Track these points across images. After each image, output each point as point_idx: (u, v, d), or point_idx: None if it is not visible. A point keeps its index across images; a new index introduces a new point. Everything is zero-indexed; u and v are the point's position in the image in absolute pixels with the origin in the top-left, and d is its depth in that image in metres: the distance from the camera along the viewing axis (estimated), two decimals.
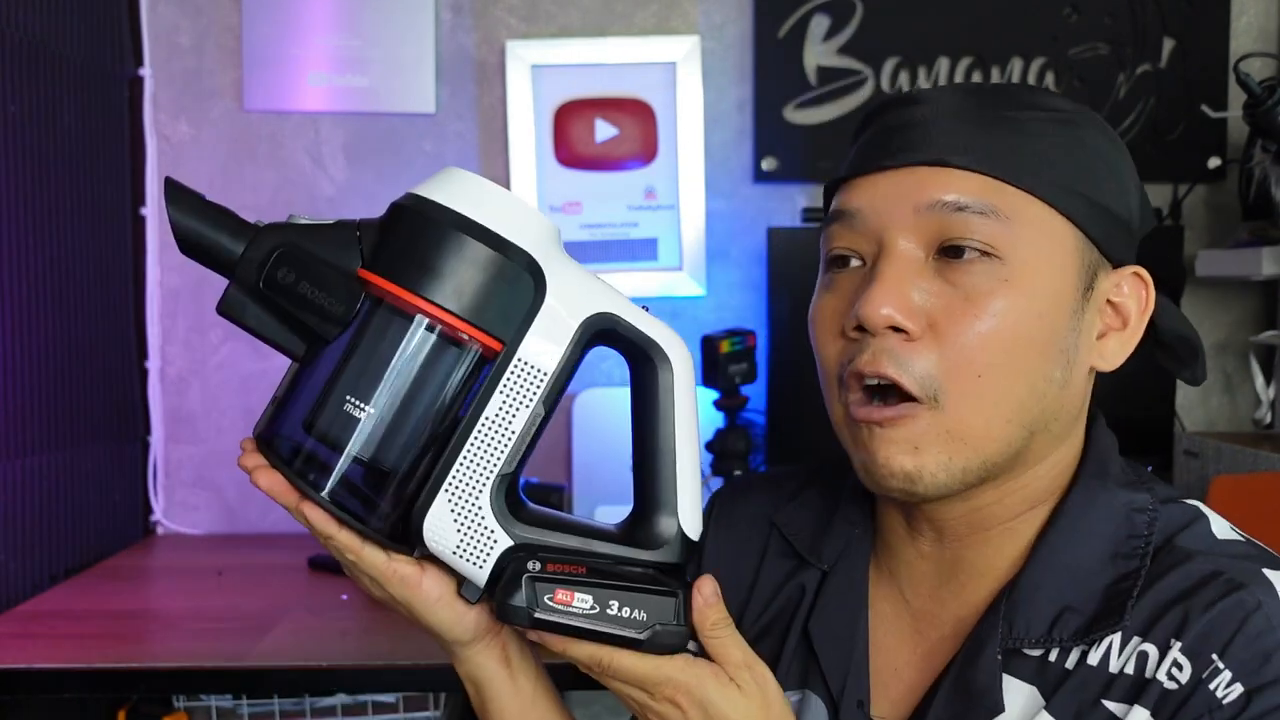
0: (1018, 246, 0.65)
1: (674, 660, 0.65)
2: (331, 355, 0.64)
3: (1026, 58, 1.98)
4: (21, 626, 1.47)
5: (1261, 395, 1.94)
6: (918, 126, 0.68)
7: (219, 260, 0.65)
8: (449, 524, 0.65)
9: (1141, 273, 0.71)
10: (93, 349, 1.84)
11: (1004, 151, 0.66)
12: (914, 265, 0.66)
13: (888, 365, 0.65)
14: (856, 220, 0.69)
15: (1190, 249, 1.96)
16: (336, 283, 0.63)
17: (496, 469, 0.65)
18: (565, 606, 0.64)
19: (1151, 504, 0.69)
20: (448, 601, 0.70)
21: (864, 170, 0.69)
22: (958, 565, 0.72)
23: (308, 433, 0.64)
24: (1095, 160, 0.68)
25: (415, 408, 0.64)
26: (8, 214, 1.59)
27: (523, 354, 0.64)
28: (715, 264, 2.01)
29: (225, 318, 0.65)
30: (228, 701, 1.50)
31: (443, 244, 0.63)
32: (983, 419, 0.65)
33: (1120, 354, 0.70)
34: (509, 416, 0.65)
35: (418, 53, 1.98)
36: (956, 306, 0.65)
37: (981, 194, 0.65)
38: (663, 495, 0.68)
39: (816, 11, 1.97)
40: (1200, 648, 0.61)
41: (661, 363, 0.68)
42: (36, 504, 1.66)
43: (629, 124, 1.99)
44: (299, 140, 2.00)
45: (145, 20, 1.96)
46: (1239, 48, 1.97)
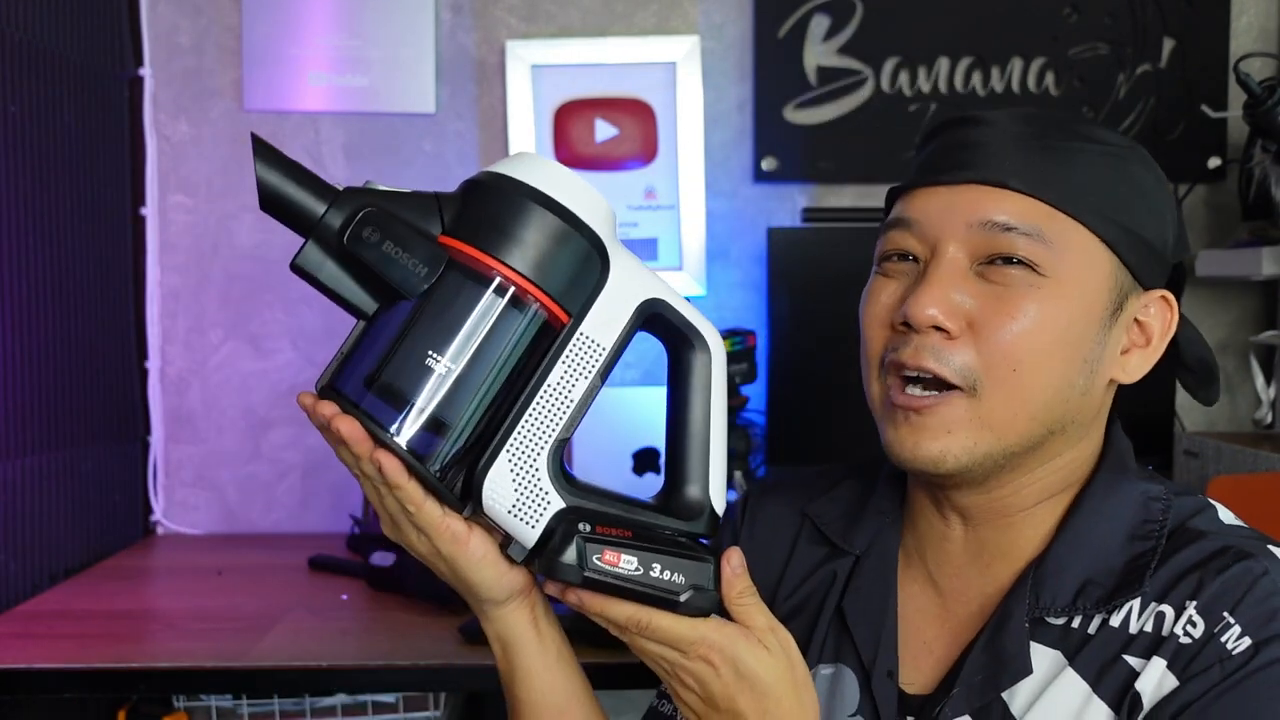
0: (1058, 266, 0.72)
1: (708, 621, 0.69)
2: (402, 314, 0.66)
3: (1026, 58, 1.98)
4: (21, 626, 1.47)
5: (1261, 395, 1.94)
6: (978, 147, 0.75)
7: (300, 217, 0.66)
8: (508, 483, 0.67)
9: (1169, 297, 0.80)
10: (93, 349, 1.84)
11: (1055, 179, 0.73)
12: (959, 271, 0.73)
13: (929, 359, 0.72)
14: (914, 227, 0.76)
15: (1190, 249, 1.96)
16: (420, 245, 0.65)
17: (555, 434, 0.68)
18: (612, 567, 0.67)
19: (1165, 494, 0.77)
20: (492, 560, 0.72)
21: (925, 182, 0.76)
22: (983, 547, 0.79)
23: (378, 385, 0.66)
24: (1137, 194, 0.75)
25: (485, 368, 0.66)
26: (8, 214, 1.59)
27: (586, 328, 0.68)
28: (715, 264, 2.01)
29: (298, 273, 0.67)
30: (228, 701, 1.51)
31: (523, 215, 0.66)
32: (1011, 411, 0.72)
33: (1141, 369, 0.78)
34: (569, 385, 0.68)
35: (418, 53, 1.98)
36: (992, 307, 0.72)
37: (1030, 217, 0.72)
38: (697, 471, 0.72)
39: (816, 11, 1.97)
40: (1213, 606, 0.68)
41: (702, 348, 0.72)
42: (36, 504, 1.66)
43: (629, 124, 1.99)
44: (299, 140, 2.00)
45: (145, 20, 1.96)
46: (1239, 48, 1.97)
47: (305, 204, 0.66)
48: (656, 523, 0.71)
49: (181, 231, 2.00)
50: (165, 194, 2.00)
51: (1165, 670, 0.68)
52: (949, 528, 0.80)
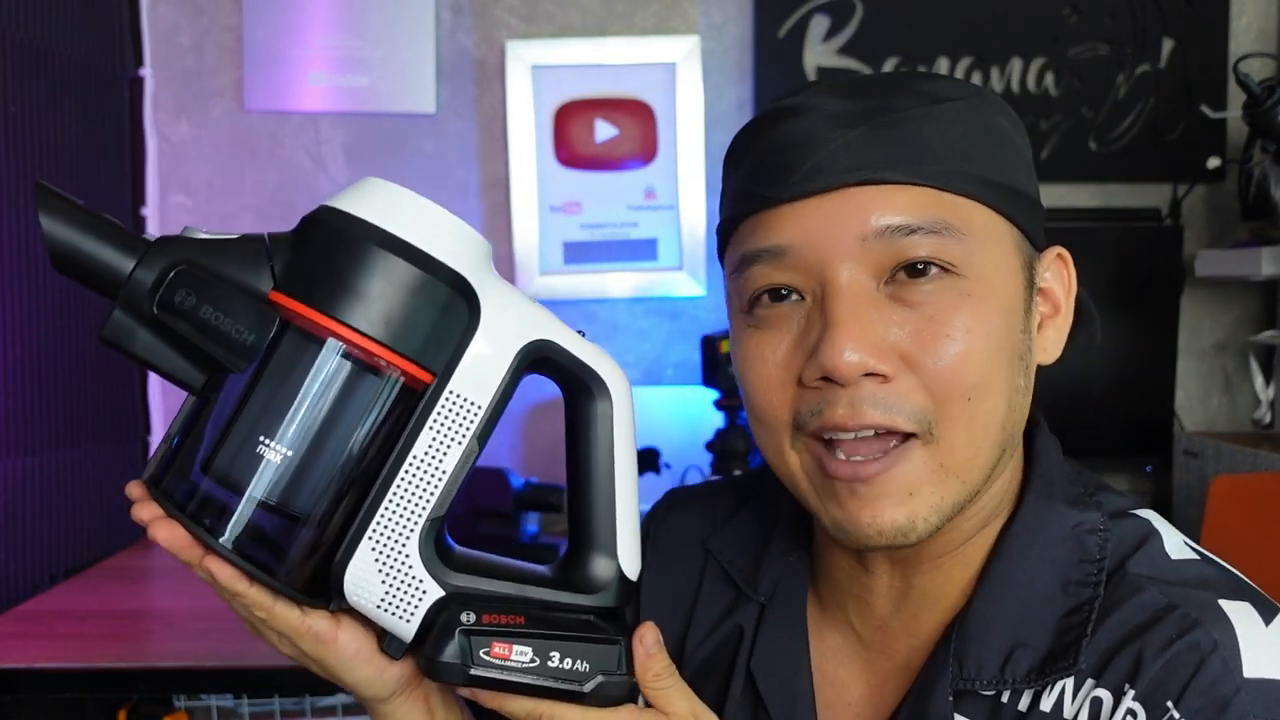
0: (971, 258, 0.60)
1: (619, 712, 0.61)
2: (236, 387, 0.56)
3: (1026, 58, 1.98)
4: (21, 626, 1.47)
5: (1261, 395, 1.94)
6: (824, 141, 0.61)
7: (102, 278, 0.56)
8: (373, 575, 0.58)
9: (1063, 253, 0.67)
10: (93, 349, 1.84)
11: (930, 155, 0.60)
12: (868, 297, 0.60)
13: (874, 413, 0.59)
14: (789, 256, 0.61)
15: (1190, 249, 1.96)
16: (245, 306, 0.55)
17: (426, 513, 0.58)
18: (503, 661, 0.59)
19: (1103, 523, 0.65)
20: (366, 656, 0.63)
21: (781, 199, 0.61)
22: (908, 594, 0.68)
23: (209, 475, 0.56)
24: (1004, 144, 0.63)
25: (333, 446, 0.56)
26: (8, 214, 1.59)
27: (455, 386, 0.58)
28: (715, 264, 2.00)
29: (109, 345, 0.56)
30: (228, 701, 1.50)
31: (364, 262, 0.56)
32: (973, 446, 0.61)
33: (1058, 343, 0.67)
34: (439, 455, 0.58)
35: (418, 53, 1.98)
36: (924, 331, 0.60)
37: (927, 210, 0.60)
38: (600, 534, 0.63)
39: (816, 11, 1.97)
40: (1154, 694, 0.57)
41: (601, 393, 0.62)
42: (36, 504, 1.66)
43: (629, 124, 1.99)
44: (299, 140, 2.00)
45: (145, 20, 1.97)
46: (1239, 48, 1.97)
47: (107, 261, 0.55)
48: (556, 600, 0.62)
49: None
50: (165, 194, 2.00)
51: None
52: (871, 577, 0.68)
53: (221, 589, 0.59)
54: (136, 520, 0.58)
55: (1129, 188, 1.98)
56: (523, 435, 2.01)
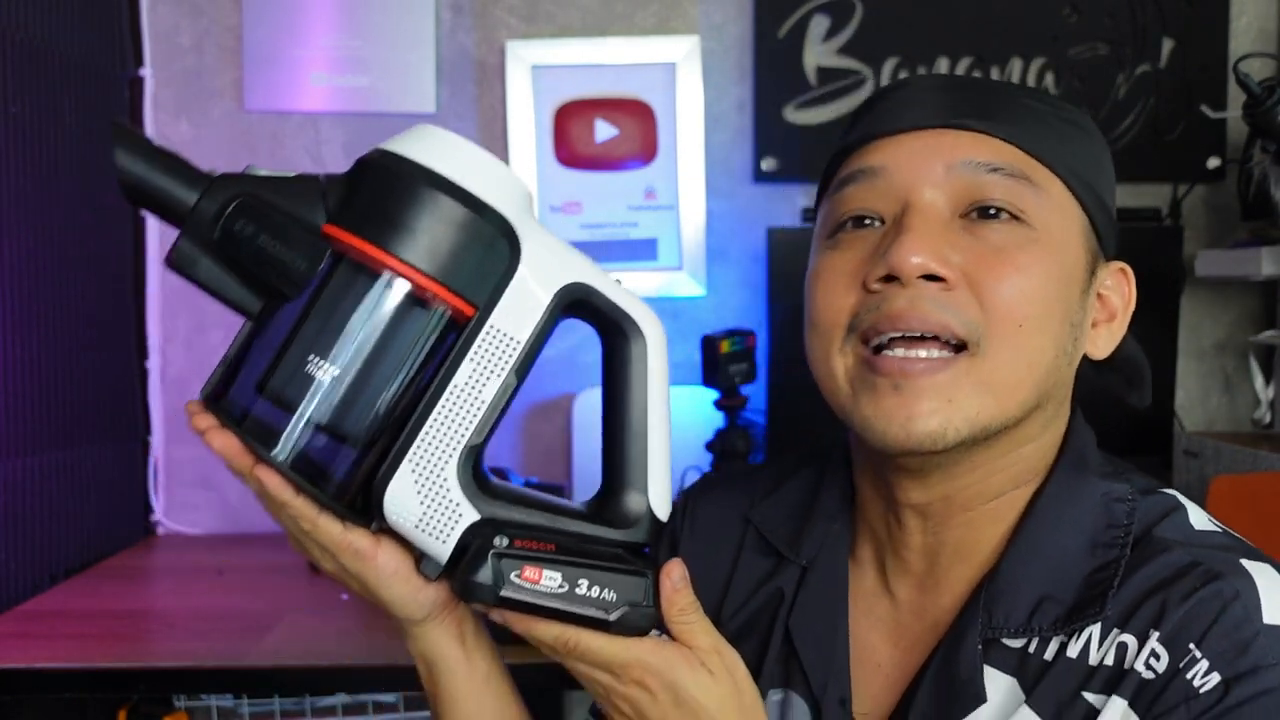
0: (1044, 217, 0.66)
1: (643, 642, 0.63)
2: (290, 314, 0.60)
3: (1026, 58, 1.98)
4: (21, 626, 1.47)
5: (1261, 395, 1.94)
6: (943, 95, 0.68)
7: (170, 209, 0.60)
8: (412, 496, 0.61)
9: (1126, 269, 0.73)
10: (93, 349, 1.84)
11: (1024, 125, 0.67)
12: (942, 220, 0.65)
13: (930, 309, 0.63)
14: (879, 178, 0.67)
15: (1190, 249, 1.96)
16: (300, 237, 0.59)
17: (464, 440, 0.62)
18: (533, 585, 0.61)
19: (1130, 494, 0.69)
20: (404, 576, 0.67)
21: (889, 129, 0.68)
22: (941, 551, 0.71)
23: (263, 394, 0.60)
24: (1094, 157, 0.71)
25: (379, 371, 0.60)
26: (8, 214, 1.59)
27: (495, 321, 0.61)
28: (715, 264, 2.01)
29: (175, 271, 0.61)
30: (228, 701, 1.50)
31: (416, 200, 0.59)
32: (1016, 373, 0.65)
33: (1109, 345, 0.72)
34: (479, 385, 0.61)
35: (418, 53, 1.98)
36: (990, 259, 0.64)
37: (1011, 158, 0.66)
38: (632, 473, 0.66)
39: (816, 11, 1.97)
40: (1178, 637, 0.61)
41: (635, 336, 0.65)
42: (36, 504, 1.66)
43: (629, 124, 1.99)
44: (299, 140, 2.00)
45: (145, 20, 1.97)
46: (1239, 48, 1.97)
47: (174, 194, 0.60)
48: (587, 532, 0.64)
49: None
50: None
51: (1127, 709, 0.60)
52: (906, 533, 0.72)
53: (270, 498, 0.62)
54: (194, 429, 0.62)
55: (1129, 188, 1.98)
56: (523, 435, 2.01)
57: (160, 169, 0.60)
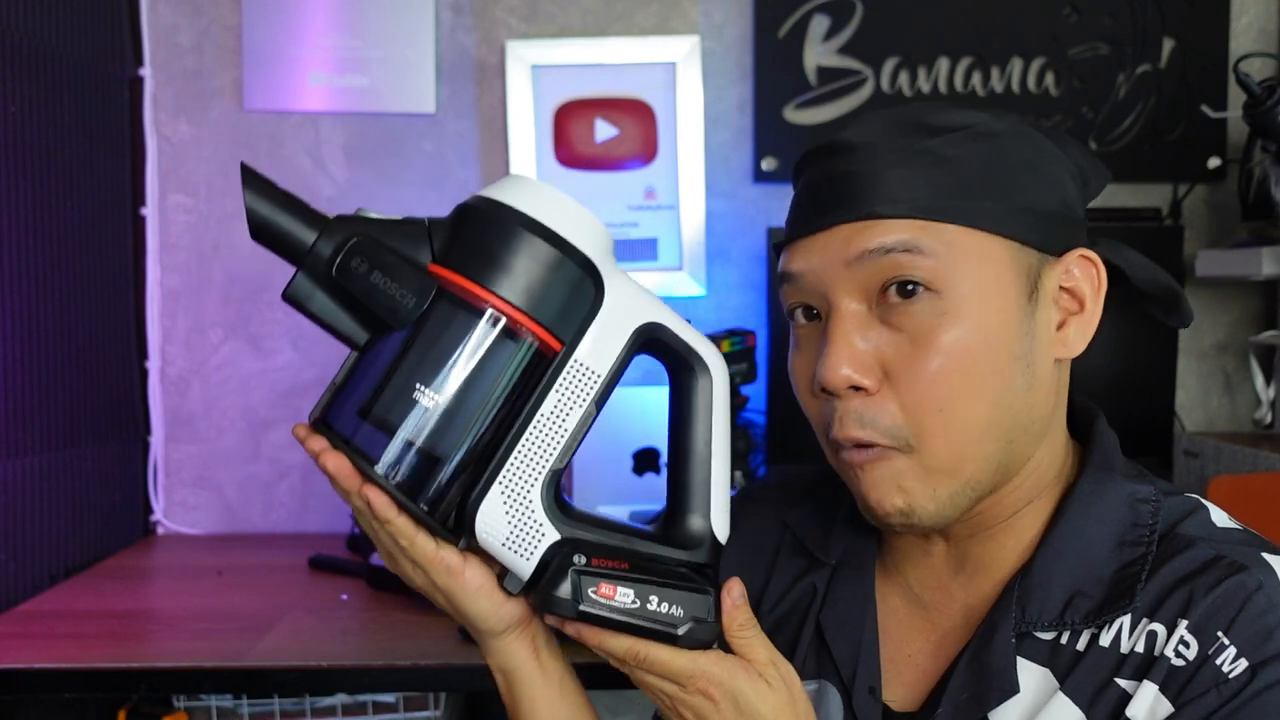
0: (952, 278, 0.68)
1: (707, 655, 0.68)
2: (393, 345, 0.65)
3: (1026, 58, 1.98)
4: (21, 626, 1.47)
5: (1261, 395, 1.94)
6: (843, 180, 0.71)
7: (289, 247, 0.65)
8: (501, 516, 0.66)
9: (1088, 254, 0.73)
10: (93, 349, 1.84)
11: (929, 190, 0.69)
12: (859, 320, 0.70)
13: (854, 429, 0.70)
14: (802, 282, 0.73)
15: (1190, 249, 1.96)
16: (409, 275, 0.64)
17: (549, 465, 0.67)
18: (608, 600, 0.66)
19: (1155, 495, 0.73)
20: (488, 591, 0.72)
21: (800, 234, 0.73)
22: (964, 560, 0.76)
23: (368, 418, 0.65)
24: (1017, 169, 0.70)
25: (476, 399, 0.65)
26: (8, 214, 1.59)
27: (579, 355, 0.67)
28: (715, 264, 2.01)
29: (290, 303, 0.66)
30: (228, 701, 1.50)
31: (513, 243, 0.65)
32: (954, 450, 0.69)
33: (1082, 338, 0.73)
34: (564, 414, 0.67)
35: (418, 53, 1.98)
36: (905, 350, 0.68)
37: (905, 233, 0.68)
38: (697, 498, 0.71)
39: (816, 11, 1.97)
40: (1206, 625, 0.64)
41: (703, 372, 0.71)
42: (36, 504, 1.66)
43: (629, 124, 1.99)
44: (299, 140, 2.00)
45: (145, 20, 1.96)
46: (1239, 48, 1.97)
47: (295, 233, 0.65)
48: (655, 553, 0.70)
49: (181, 231, 2.00)
50: (165, 194, 2.00)
51: (1158, 694, 0.65)
52: (929, 543, 0.78)
53: (375, 515, 0.66)
54: (310, 453, 0.67)
55: (1129, 188, 1.98)
56: None
57: (283, 209, 0.65)
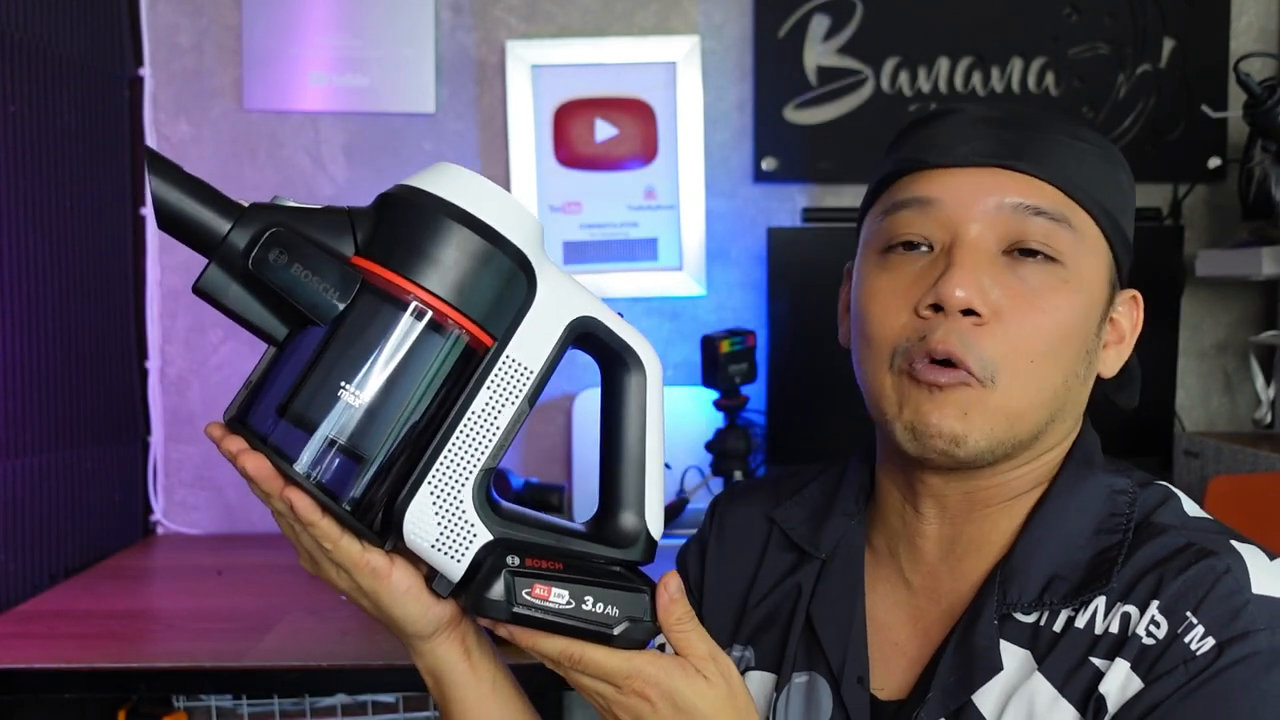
0: (1079, 258, 0.73)
1: (643, 654, 0.68)
2: (315, 340, 0.62)
3: (1026, 58, 1.98)
4: (21, 626, 1.47)
5: (1261, 395, 1.94)
6: (993, 132, 0.74)
7: (201, 238, 0.62)
8: (430, 517, 0.64)
9: (1138, 297, 0.80)
10: (93, 349, 1.84)
11: (1069, 171, 0.73)
12: (988, 256, 0.72)
13: (957, 345, 0.70)
14: (933, 208, 0.74)
15: (1190, 249, 1.96)
16: (331, 267, 0.61)
17: (480, 463, 0.65)
18: (542, 601, 0.65)
19: (1131, 487, 0.76)
20: (415, 594, 0.70)
21: (941, 162, 0.74)
22: (956, 541, 0.78)
23: (287, 416, 0.62)
24: (1119, 190, 0.77)
25: (402, 396, 0.62)
26: (8, 214, 1.59)
27: (511, 351, 0.65)
28: (715, 264, 2.01)
29: (202, 297, 0.63)
30: (228, 701, 1.50)
31: (441, 233, 0.63)
32: (1026, 400, 0.72)
33: (1115, 364, 0.79)
34: (495, 412, 0.65)
35: (418, 53, 1.98)
36: (1022, 298, 0.71)
37: (1053, 202, 0.72)
38: (630, 496, 0.70)
39: (816, 11, 1.97)
40: (1176, 606, 0.67)
41: (636, 368, 0.70)
42: (36, 504, 1.66)
43: (629, 124, 1.99)
44: (299, 140, 2.00)
45: (145, 20, 1.96)
46: (1239, 48, 1.97)
47: (207, 223, 0.62)
48: (590, 551, 0.68)
49: None
50: None
51: (1129, 672, 0.67)
52: (923, 522, 0.79)
53: (298, 518, 0.64)
54: (226, 453, 0.64)
55: None
56: (523, 435, 2.01)
57: (193, 196, 0.62)
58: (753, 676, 0.83)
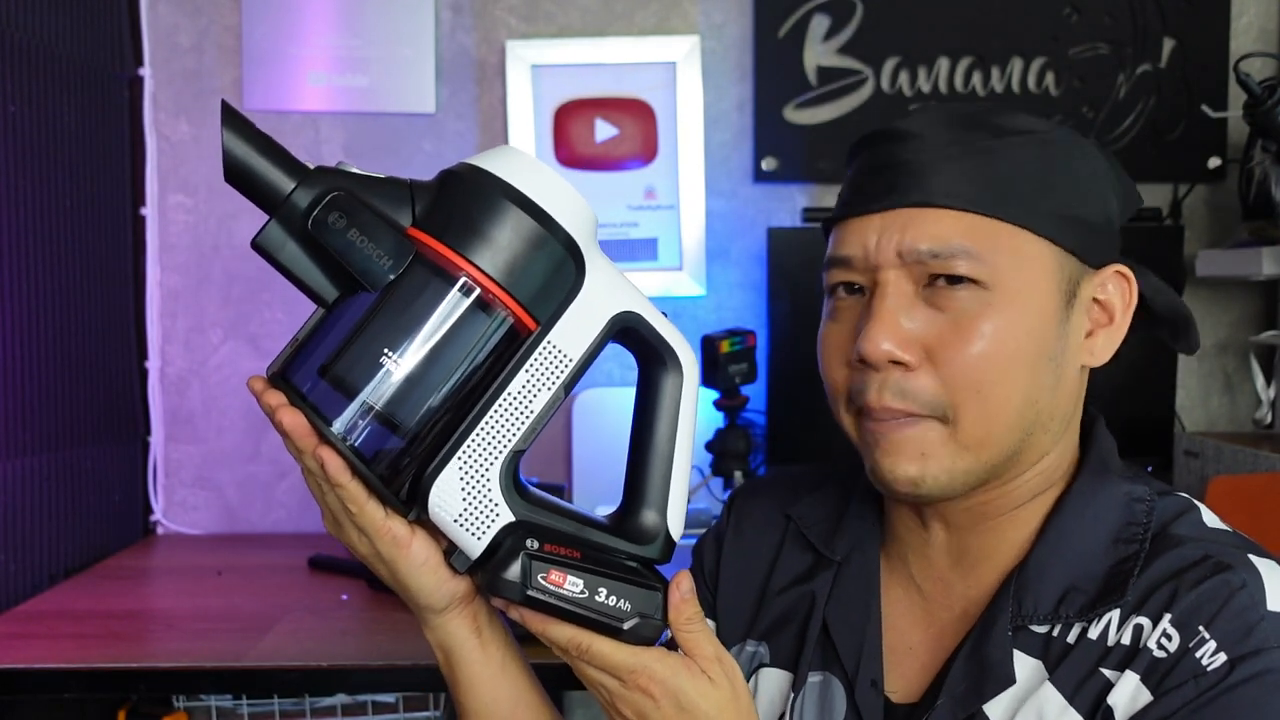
0: (999, 274, 0.71)
1: (650, 650, 0.68)
2: (362, 306, 0.63)
3: (1026, 58, 1.98)
4: (21, 626, 1.47)
5: (1261, 395, 1.94)
6: (901, 166, 0.73)
7: (265, 193, 0.63)
8: (456, 491, 0.65)
9: (1124, 270, 0.76)
10: (93, 349, 1.84)
11: (982, 184, 0.71)
12: (905, 299, 0.72)
13: (892, 400, 0.71)
14: (852, 263, 0.74)
15: (1190, 249, 1.96)
16: (387, 235, 0.62)
17: (510, 445, 0.65)
18: (557, 587, 0.65)
19: (1149, 495, 0.75)
20: (432, 567, 0.71)
21: (854, 213, 0.75)
22: (965, 551, 0.78)
23: (327, 377, 0.63)
24: (1070, 178, 0.73)
25: (442, 370, 0.63)
26: (8, 214, 1.59)
27: (553, 337, 0.66)
28: (715, 264, 2.01)
29: (259, 252, 0.64)
30: (228, 701, 1.51)
31: (497, 214, 0.63)
32: (985, 429, 0.71)
33: (1108, 349, 0.76)
34: (531, 395, 0.65)
35: (418, 53, 1.98)
36: (948, 332, 0.70)
37: (956, 236, 0.71)
38: (655, 494, 0.70)
39: (816, 11, 1.97)
40: (1188, 620, 0.66)
41: (674, 367, 0.70)
42: (36, 504, 1.66)
43: (629, 124, 1.99)
44: (299, 140, 2.00)
45: (145, 20, 1.96)
46: (1239, 48, 1.97)
47: (272, 180, 0.63)
48: (609, 544, 0.68)
49: (181, 231, 2.00)
50: (165, 194, 2.00)
51: (1139, 684, 0.66)
52: (929, 534, 0.79)
53: (328, 477, 0.65)
54: (265, 407, 0.64)
55: None
56: None
57: (262, 153, 0.63)
58: (768, 674, 0.83)
